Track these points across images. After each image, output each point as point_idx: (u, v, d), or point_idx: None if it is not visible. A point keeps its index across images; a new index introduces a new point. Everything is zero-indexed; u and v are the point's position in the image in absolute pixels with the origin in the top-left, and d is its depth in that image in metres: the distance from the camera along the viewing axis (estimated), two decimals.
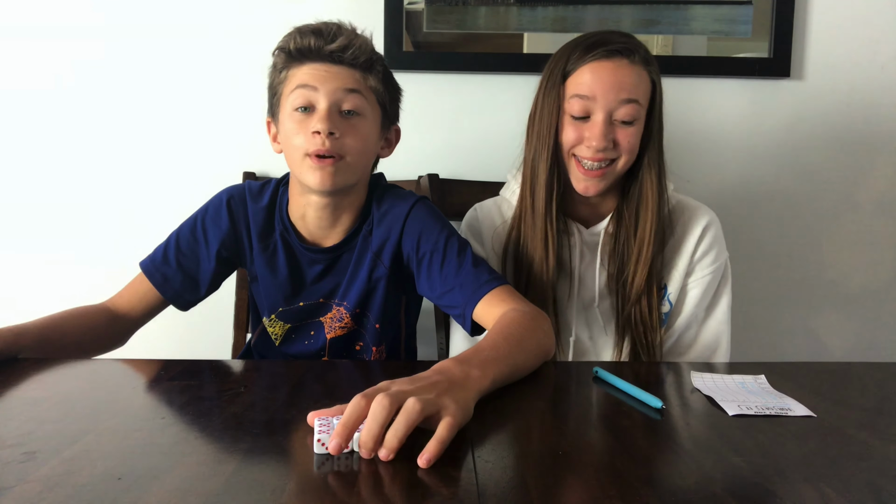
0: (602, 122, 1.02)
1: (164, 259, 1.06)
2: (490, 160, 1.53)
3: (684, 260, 1.12)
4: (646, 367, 0.93)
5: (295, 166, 1.00)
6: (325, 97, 0.96)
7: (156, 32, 1.51)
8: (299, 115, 0.97)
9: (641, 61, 1.05)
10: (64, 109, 1.52)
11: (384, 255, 1.05)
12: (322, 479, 0.53)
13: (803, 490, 0.53)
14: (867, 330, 1.60)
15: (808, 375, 0.86)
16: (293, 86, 0.98)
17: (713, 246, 1.12)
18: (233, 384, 0.79)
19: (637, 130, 1.05)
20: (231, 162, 1.52)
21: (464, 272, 0.99)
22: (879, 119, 1.55)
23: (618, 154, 1.05)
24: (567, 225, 1.12)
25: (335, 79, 0.97)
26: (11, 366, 0.83)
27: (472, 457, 0.58)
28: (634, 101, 1.03)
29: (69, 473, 0.53)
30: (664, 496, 0.51)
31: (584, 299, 1.13)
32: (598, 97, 1.02)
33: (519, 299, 0.94)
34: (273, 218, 1.07)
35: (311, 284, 1.07)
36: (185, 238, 1.07)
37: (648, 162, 1.07)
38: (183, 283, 1.06)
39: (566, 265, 1.13)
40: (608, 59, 1.03)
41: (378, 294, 1.06)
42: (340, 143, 0.96)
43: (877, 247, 1.59)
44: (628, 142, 1.04)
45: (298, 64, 0.99)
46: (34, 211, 1.54)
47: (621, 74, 1.02)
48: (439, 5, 1.49)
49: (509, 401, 0.75)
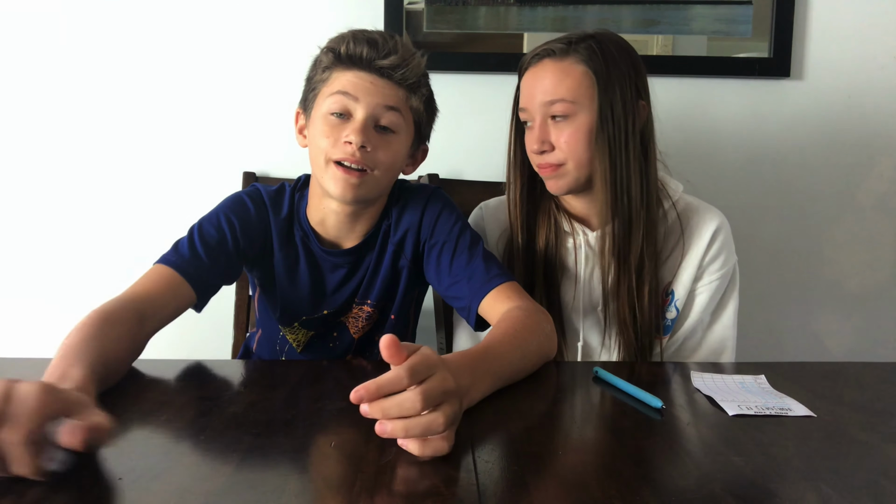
0: (537, 127, 1.05)
1: (194, 254, 0.95)
2: (490, 160, 1.53)
3: (693, 264, 1.09)
4: (646, 367, 0.93)
5: (318, 169, 0.98)
6: (363, 109, 0.94)
7: (156, 32, 1.51)
8: (334, 119, 0.95)
9: (565, 54, 1.03)
10: (64, 109, 1.52)
11: (406, 246, 1.05)
12: (322, 479, 0.53)
13: (803, 490, 0.53)
14: (867, 330, 1.60)
15: (808, 375, 0.86)
16: (334, 89, 0.95)
17: (722, 251, 1.10)
18: (233, 384, 0.79)
19: (576, 126, 1.02)
20: (231, 162, 1.52)
21: (473, 265, 0.98)
22: (879, 119, 1.55)
23: (560, 154, 1.03)
24: (572, 227, 1.12)
25: (378, 93, 0.95)
26: (11, 366, 0.83)
27: (472, 457, 0.58)
28: (559, 101, 1.02)
29: (69, 473, 0.53)
30: (664, 496, 0.51)
31: (589, 303, 1.12)
32: (528, 106, 1.06)
33: (524, 297, 0.94)
34: (292, 226, 1.05)
35: (333, 292, 1.06)
36: (209, 233, 0.99)
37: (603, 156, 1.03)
38: (213, 279, 0.98)
39: (570, 268, 1.12)
40: (534, 66, 1.06)
41: (401, 284, 1.06)
42: (371, 156, 0.95)
43: (877, 247, 1.59)
44: (563, 139, 1.03)
45: (344, 68, 0.96)
46: (34, 211, 1.54)
47: (541, 76, 1.04)
48: (439, 5, 1.49)
49: (509, 401, 0.75)
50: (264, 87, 1.52)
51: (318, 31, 1.61)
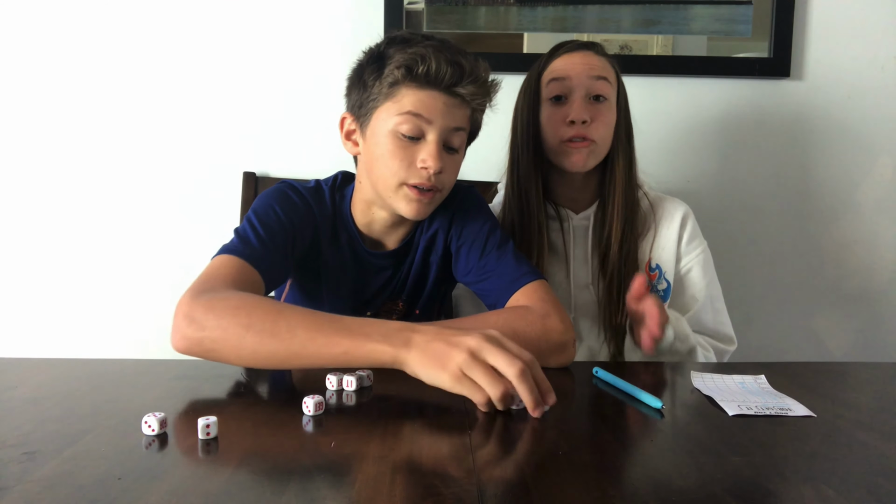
0: (580, 98, 1.12)
1: (261, 243, 0.90)
2: (490, 160, 1.53)
3: (671, 246, 1.19)
4: (646, 367, 0.93)
5: (386, 190, 0.95)
6: (436, 132, 0.92)
7: (156, 32, 1.51)
8: (404, 140, 0.92)
9: (604, 54, 1.17)
10: (65, 109, 1.52)
11: (437, 242, 1.06)
12: (322, 479, 0.53)
13: (803, 490, 0.53)
14: (867, 330, 1.60)
15: (808, 375, 0.86)
16: (404, 108, 0.91)
17: (695, 235, 1.21)
18: (233, 384, 0.79)
19: (609, 109, 1.14)
20: (231, 162, 1.52)
21: (503, 263, 0.99)
22: (879, 119, 1.55)
23: (595, 130, 1.12)
24: (558, 211, 1.21)
25: (451, 116, 0.93)
26: (11, 366, 0.83)
27: (472, 457, 0.58)
28: (605, 79, 1.13)
29: (69, 473, 0.53)
30: (664, 496, 0.51)
31: (579, 282, 1.19)
32: (572, 76, 1.13)
33: (546, 299, 0.93)
34: (337, 227, 1.04)
35: (377, 293, 1.07)
36: (269, 222, 0.94)
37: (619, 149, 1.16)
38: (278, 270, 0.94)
39: (560, 250, 1.20)
40: (576, 51, 1.15)
41: (429, 280, 1.07)
42: (441, 178, 0.94)
43: (877, 247, 1.59)
44: (603, 116, 1.13)
45: (417, 87, 0.91)
46: (34, 211, 1.54)
47: (589, 58, 1.14)
48: (439, 5, 1.49)
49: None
50: (264, 87, 1.52)
51: (318, 30, 1.62)
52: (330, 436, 0.62)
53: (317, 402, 0.67)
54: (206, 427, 0.61)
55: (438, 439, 0.63)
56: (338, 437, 0.62)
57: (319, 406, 0.68)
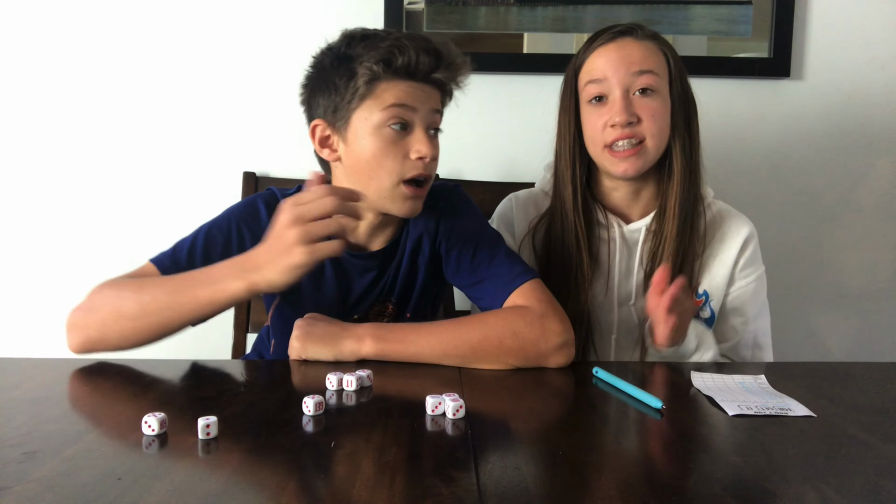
0: (620, 98, 1.02)
1: (190, 260, 0.93)
2: (490, 160, 1.54)
3: (725, 269, 1.09)
4: (646, 367, 0.93)
5: (381, 191, 0.93)
6: (422, 119, 0.92)
7: (156, 32, 1.51)
8: (393, 134, 0.91)
9: (646, 36, 1.05)
10: (65, 109, 1.52)
11: (424, 244, 1.03)
12: (322, 479, 0.53)
13: (803, 490, 0.53)
14: (867, 330, 1.60)
15: (808, 375, 0.86)
16: (388, 102, 0.90)
17: (754, 259, 1.11)
18: (233, 384, 0.79)
19: (660, 101, 1.04)
20: (231, 162, 1.52)
21: (496, 264, 0.97)
22: (879, 119, 1.55)
23: (644, 129, 1.03)
24: (607, 219, 1.10)
25: (430, 99, 0.93)
26: (10, 366, 0.83)
27: (472, 457, 0.58)
28: (648, 72, 1.03)
29: (69, 473, 0.53)
30: (664, 496, 0.51)
31: (620, 297, 1.10)
32: (609, 76, 1.03)
33: (542, 299, 0.92)
34: None
35: (363, 296, 1.04)
36: (214, 239, 0.96)
37: (676, 145, 1.06)
38: None
39: (603, 262, 1.11)
40: (612, 42, 1.05)
41: (418, 281, 1.04)
42: (433, 164, 0.94)
43: (877, 247, 1.59)
44: (651, 111, 1.02)
45: (396, 80, 0.91)
46: (34, 211, 1.54)
47: (627, 50, 1.04)
48: (439, 5, 1.49)
49: (509, 401, 0.75)
50: (264, 87, 1.52)
51: (318, 30, 1.61)
52: (330, 436, 0.62)
53: (317, 402, 0.67)
54: (206, 427, 0.61)
55: (438, 439, 0.63)
56: (338, 437, 0.62)
57: (319, 406, 0.68)
